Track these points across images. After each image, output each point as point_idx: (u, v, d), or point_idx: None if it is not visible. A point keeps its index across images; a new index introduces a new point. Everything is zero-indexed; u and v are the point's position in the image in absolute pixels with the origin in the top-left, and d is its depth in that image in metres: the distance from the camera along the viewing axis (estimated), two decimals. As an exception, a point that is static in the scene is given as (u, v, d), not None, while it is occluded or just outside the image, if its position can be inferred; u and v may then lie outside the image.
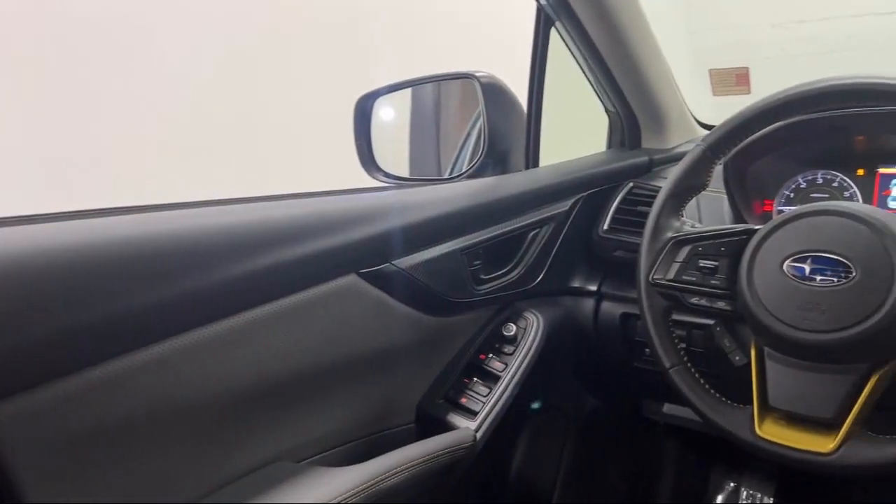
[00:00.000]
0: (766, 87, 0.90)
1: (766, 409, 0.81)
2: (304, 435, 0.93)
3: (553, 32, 1.25)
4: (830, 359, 0.76)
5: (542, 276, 1.21)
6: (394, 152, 1.46)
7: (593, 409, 1.42)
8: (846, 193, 1.14)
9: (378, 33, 2.90)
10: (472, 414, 1.05)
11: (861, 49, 2.93)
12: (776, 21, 2.99)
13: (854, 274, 0.75)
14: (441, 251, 1.04)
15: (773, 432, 0.79)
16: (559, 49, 1.28)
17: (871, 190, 1.12)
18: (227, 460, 0.83)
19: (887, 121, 1.05)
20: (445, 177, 1.46)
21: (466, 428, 1.02)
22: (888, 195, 1.10)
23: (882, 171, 1.11)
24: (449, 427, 1.03)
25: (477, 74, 1.19)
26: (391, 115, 1.37)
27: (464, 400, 1.07)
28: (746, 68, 2.72)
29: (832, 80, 0.82)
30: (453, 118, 1.57)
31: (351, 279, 0.92)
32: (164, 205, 0.85)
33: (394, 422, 1.06)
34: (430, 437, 0.97)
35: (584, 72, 1.32)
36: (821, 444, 0.75)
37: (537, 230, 1.20)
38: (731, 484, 1.59)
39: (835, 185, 1.15)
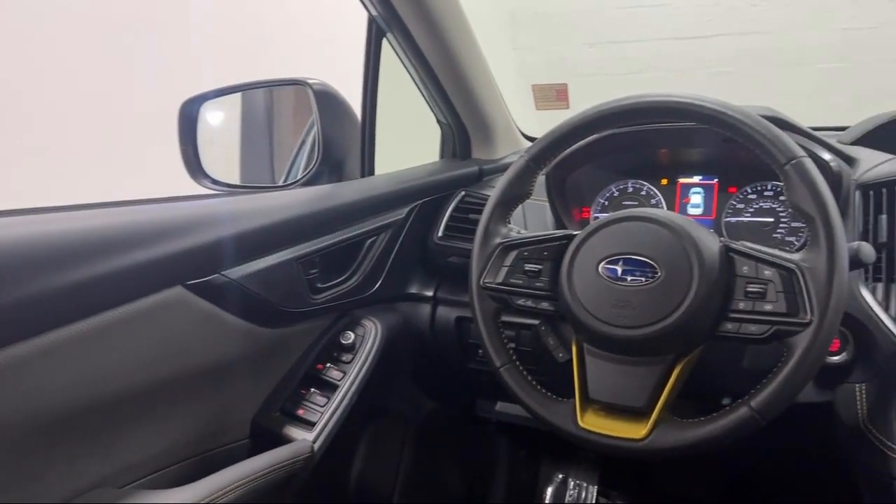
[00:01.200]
0: (584, 102, 0.96)
1: (587, 401, 0.87)
2: (131, 457, 0.87)
3: (386, 44, 1.26)
4: (641, 352, 0.83)
5: (379, 283, 1.23)
6: (224, 159, 1.41)
7: (430, 412, 1.45)
8: (653, 201, 1.25)
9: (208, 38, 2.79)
10: (309, 425, 1.04)
11: (666, 70, 3.24)
12: (593, 41, 3.23)
13: (660, 274, 0.83)
14: (275, 260, 1.02)
15: (593, 423, 0.85)
16: (396, 60, 1.30)
17: (674, 198, 1.24)
18: (41, 490, 0.76)
19: (685, 136, 1.17)
20: (279, 184, 1.44)
21: (304, 440, 1.00)
22: (688, 202, 1.23)
23: (682, 180, 1.24)
24: (286, 440, 1.01)
25: (310, 81, 1.18)
26: (219, 120, 1.32)
27: (301, 412, 1.06)
28: (565, 84, 2.90)
29: (639, 98, 0.90)
30: (287, 125, 1.54)
31: (177, 291, 0.88)
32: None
33: (228, 438, 1.02)
34: (266, 451, 0.94)
35: (416, 84, 1.35)
36: (634, 431, 0.82)
37: (374, 238, 1.21)
38: (559, 475, 1.69)
39: (643, 193, 1.26)
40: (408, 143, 1.61)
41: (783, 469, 1.46)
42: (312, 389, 1.08)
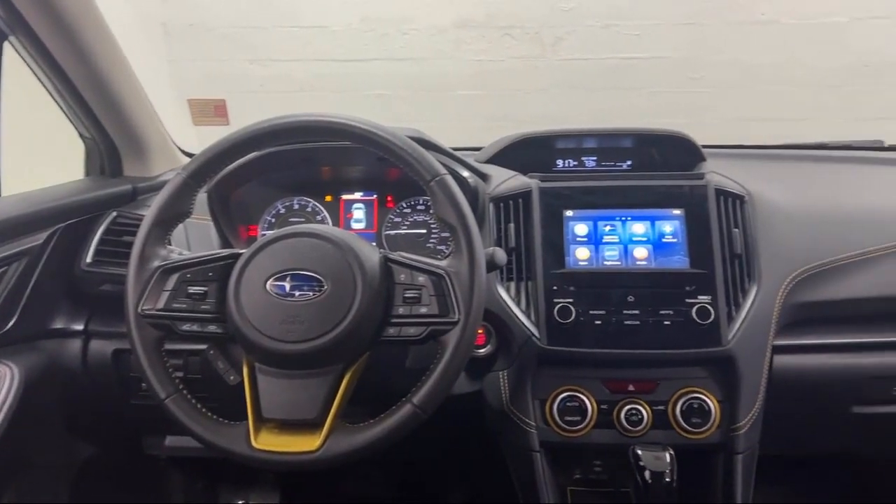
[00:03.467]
0: (246, 118, 0.95)
1: (261, 421, 0.86)
2: None
3: (10, 48, 1.11)
4: (312, 364, 0.85)
5: (14, 320, 1.07)
6: None
7: (89, 458, 1.30)
8: (318, 217, 1.28)
9: None
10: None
11: (328, 90, 3.35)
12: (254, 58, 3.20)
13: (326, 287, 0.85)
14: None
15: (267, 442, 0.84)
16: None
17: (338, 213, 1.29)
18: None
19: (345, 154, 1.22)
20: None
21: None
22: (351, 217, 1.28)
23: (345, 197, 1.29)
24: None
25: None
26: None
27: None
28: (223, 100, 2.83)
29: (297, 117, 0.92)
30: None
31: None
32: None
33: None
34: None
35: (50, 94, 1.20)
36: (308, 444, 0.83)
37: (5, 268, 1.05)
38: (239, 502, 1.63)
39: (308, 210, 1.29)
40: (46, 159, 1.43)
41: (448, 455, 1.61)
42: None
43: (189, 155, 1.53)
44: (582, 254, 1.11)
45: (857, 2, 3.55)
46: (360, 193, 1.29)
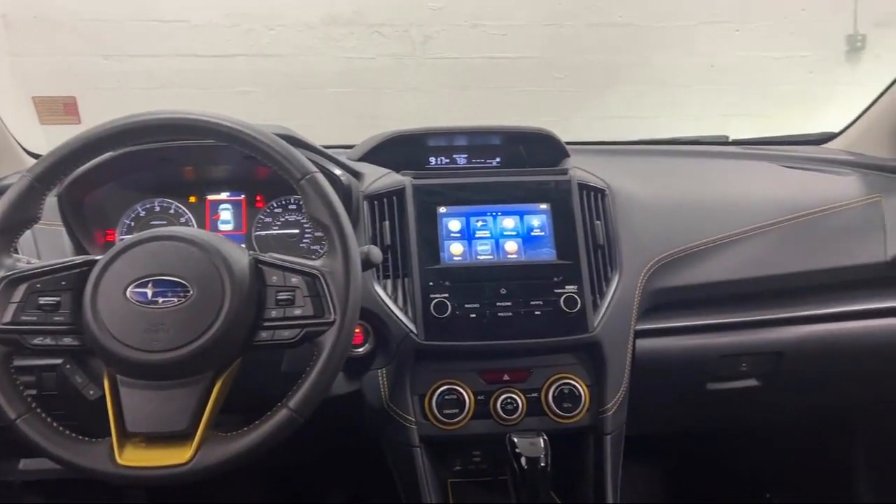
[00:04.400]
0: (101, 116, 0.89)
1: (126, 436, 0.81)
2: None
3: None
4: (179, 374, 0.81)
5: None
6: None
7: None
8: (182, 219, 1.23)
9: None
10: None
11: (191, 86, 3.21)
12: (109, 53, 3.02)
13: (192, 292, 0.82)
14: None
15: (133, 457, 0.80)
16: None
17: (204, 215, 1.24)
18: None
19: (209, 153, 1.17)
20: None
21: None
22: (218, 219, 1.24)
23: (210, 198, 1.24)
24: None
25: None
26: None
27: None
28: (74, 97, 2.65)
29: (155, 115, 0.87)
30: None
31: None
32: None
33: None
34: None
35: None
36: (178, 457, 0.80)
37: None
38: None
39: (171, 212, 1.23)
40: None
41: (329, 457, 1.59)
42: None
43: (35, 156, 1.42)
44: (456, 249, 1.13)
45: (704, 6, 3.82)
46: (227, 194, 1.25)
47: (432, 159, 1.33)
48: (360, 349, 1.09)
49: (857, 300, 1.25)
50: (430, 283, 1.09)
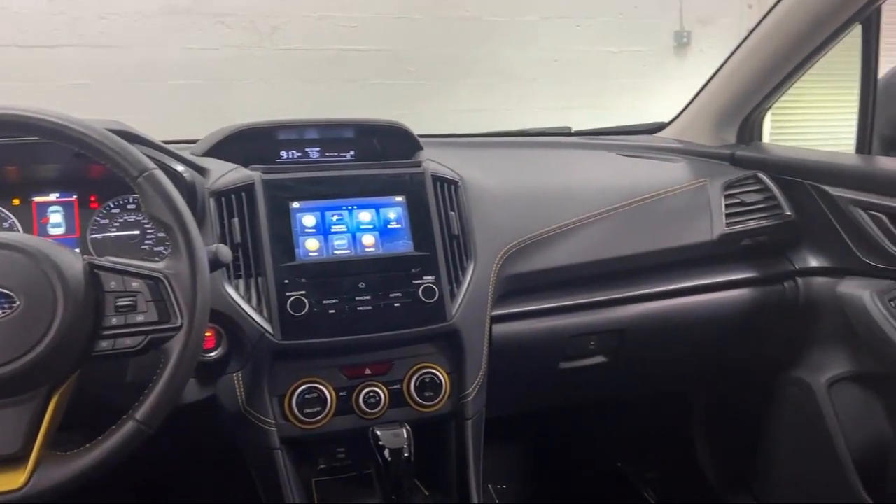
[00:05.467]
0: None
1: None
2: None
3: None
4: (7, 392, 0.74)
5: None
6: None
7: None
8: (6, 224, 1.12)
9: None
10: None
11: (15, 80, 2.94)
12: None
13: (18, 303, 0.75)
14: None
15: None
16: None
17: (30, 218, 1.13)
18: None
19: (33, 151, 1.08)
20: None
21: None
22: (46, 222, 1.14)
23: (37, 199, 1.14)
24: None
25: None
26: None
27: None
28: None
29: None
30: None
31: None
32: None
33: None
34: None
35: None
36: (11, 482, 0.73)
37: None
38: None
39: (-8, 216, 1.12)
40: None
41: (186, 468, 1.52)
42: None
43: None
44: (311, 245, 1.11)
45: (546, 3, 3.99)
46: (56, 195, 1.15)
47: (283, 153, 1.30)
48: (213, 353, 1.05)
49: (688, 277, 1.35)
50: (286, 281, 1.06)
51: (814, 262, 1.39)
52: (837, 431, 1.33)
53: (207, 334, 0.96)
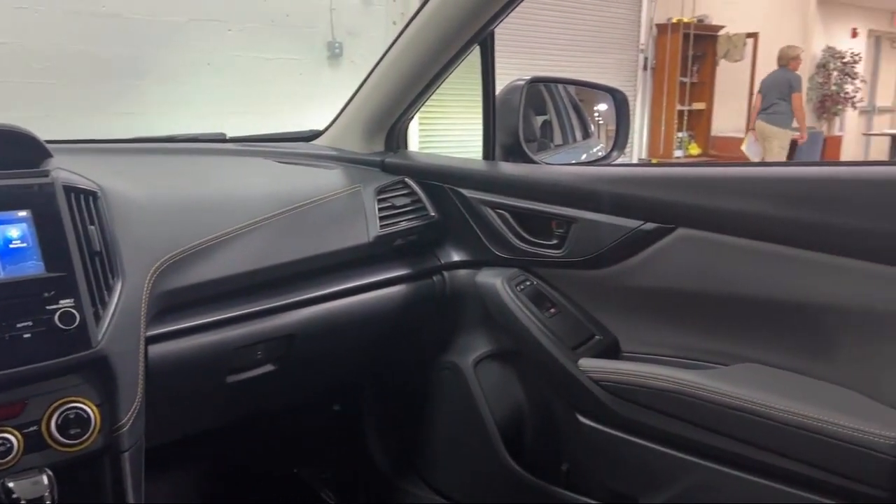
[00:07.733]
0: None
1: None
2: None
3: None
4: None
5: None
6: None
7: None
8: None
9: None
10: None
11: None
12: None
13: None
14: None
15: None
16: None
17: None
18: None
19: None
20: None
21: None
22: None
23: None
24: None
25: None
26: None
27: None
28: None
29: None
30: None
31: None
32: None
33: None
34: None
35: None
36: None
37: None
38: None
39: None
40: None
41: None
42: None
43: None
44: None
45: (194, 4, 3.82)
46: None
47: None
48: None
49: (350, 278, 1.41)
50: None
51: (456, 257, 1.55)
52: (484, 405, 1.50)
53: None
